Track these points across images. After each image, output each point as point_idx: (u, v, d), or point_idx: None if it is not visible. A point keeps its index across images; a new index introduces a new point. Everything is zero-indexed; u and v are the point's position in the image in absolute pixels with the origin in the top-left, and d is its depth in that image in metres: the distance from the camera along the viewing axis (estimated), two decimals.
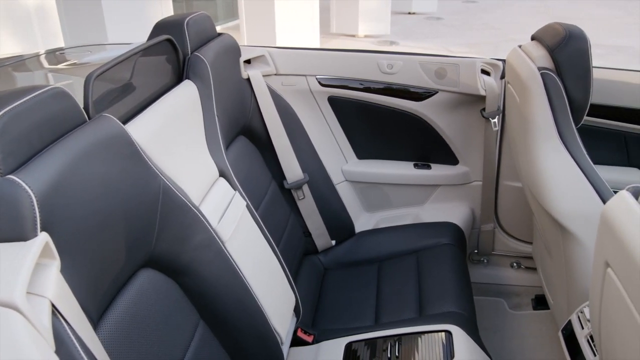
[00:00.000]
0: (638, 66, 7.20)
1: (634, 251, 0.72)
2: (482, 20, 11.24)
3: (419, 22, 11.06)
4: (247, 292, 1.29)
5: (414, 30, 10.05)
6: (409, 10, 11.86)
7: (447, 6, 12.91)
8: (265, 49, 1.97)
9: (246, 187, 1.64)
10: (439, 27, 10.40)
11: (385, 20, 9.12)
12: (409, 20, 11.23)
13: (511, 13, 11.97)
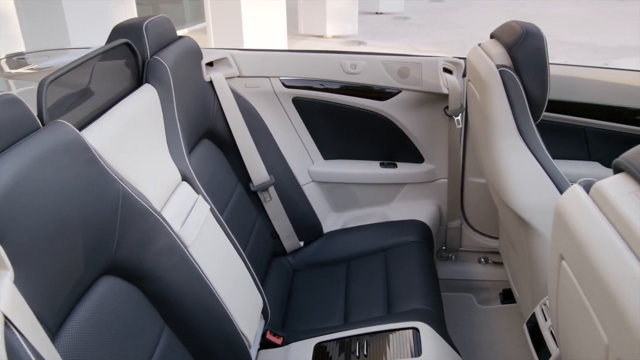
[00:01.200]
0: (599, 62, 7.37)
1: (585, 244, 0.73)
2: (449, 19, 11.36)
3: (386, 21, 11.13)
4: (212, 296, 1.28)
5: (382, 30, 10.11)
6: (376, 10, 11.94)
7: (413, 6, 13.03)
8: (228, 51, 1.96)
9: (211, 191, 1.63)
10: (406, 27, 10.48)
11: (352, 21, 9.16)
12: (376, 20, 11.29)
13: (477, 12, 12.13)
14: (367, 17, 11.47)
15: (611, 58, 7.88)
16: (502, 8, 12.61)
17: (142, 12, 6.98)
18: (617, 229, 0.69)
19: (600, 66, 2.05)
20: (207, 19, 6.60)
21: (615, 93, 1.96)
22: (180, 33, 5.27)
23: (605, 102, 1.98)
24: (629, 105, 1.97)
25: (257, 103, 1.98)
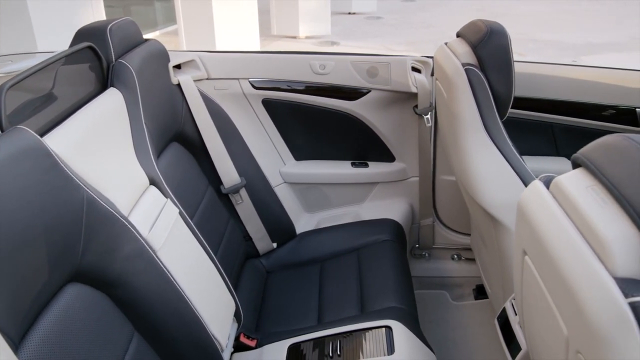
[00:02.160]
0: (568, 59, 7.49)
1: (545, 238, 0.75)
2: (421, 19, 11.45)
3: (359, 21, 11.17)
4: (182, 300, 1.27)
5: (355, 30, 10.14)
6: (349, 11, 11.97)
7: (386, 5, 13.10)
8: (196, 53, 1.95)
9: (180, 194, 1.61)
10: (379, 27, 10.53)
11: (325, 21, 9.18)
12: (349, 20, 11.33)
13: (448, 11, 12.25)
14: (339, 17, 11.51)
15: (579, 55, 8.02)
16: (473, 7, 12.75)
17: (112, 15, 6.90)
18: (575, 223, 0.71)
19: (567, 63, 2.09)
20: (179, 21, 6.55)
21: (582, 89, 2.00)
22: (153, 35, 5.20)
23: (572, 99, 2.01)
24: (595, 101, 2.00)
25: (227, 105, 1.97)
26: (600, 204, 0.68)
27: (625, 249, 0.62)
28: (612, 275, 0.62)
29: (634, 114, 2.01)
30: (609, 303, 0.60)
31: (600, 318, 0.61)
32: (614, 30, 9.94)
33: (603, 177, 0.69)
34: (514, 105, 2.04)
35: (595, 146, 0.75)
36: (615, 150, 0.70)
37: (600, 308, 0.61)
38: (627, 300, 0.59)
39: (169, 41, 8.52)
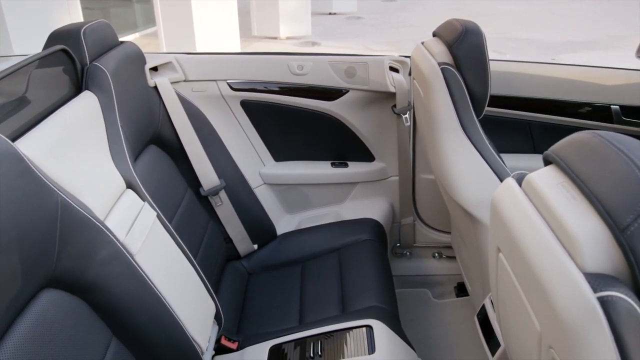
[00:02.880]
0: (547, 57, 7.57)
1: (518, 235, 0.75)
2: (401, 19, 11.50)
3: (339, 22, 11.19)
4: (160, 304, 1.26)
5: (335, 30, 10.16)
6: (329, 11, 12.00)
7: (366, 5, 13.14)
8: (173, 55, 1.94)
9: (159, 197, 1.60)
10: (360, 27, 10.56)
11: (306, 21, 9.18)
12: (329, 20, 11.35)
13: (429, 10, 12.32)
14: (320, 17, 11.52)
15: (558, 53, 8.12)
16: (453, 6, 12.84)
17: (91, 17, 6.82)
18: (546, 219, 0.71)
19: (544, 62, 2.11)
20: (158, 23, 6.51)
21: (560, 87, 2.02)
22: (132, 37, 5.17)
23: (550, 97, 2.04)
24: (572, 99, 2.03)
25: (205, 107, 1.96)
26: (570, 200, 0.68)
27: (594, 245, 0.63)
28: (581, 271, 0.62)
29: (609, 111, 2.04)
30: (578, 298, 0.61)
31: (570, 313, 0.61)
32: (591, 28, 10.08)
33: (573, 173, 0.70)
34: (492, 104, 2.06)
35: (565, 143, 0.76)
36: (584, 147, 0.71)
37: (570, 303, 0.62)
38: (596, 295, 0.60)
39: (148, 43, 8.47)
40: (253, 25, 9.14)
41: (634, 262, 0.59)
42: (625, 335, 0.59)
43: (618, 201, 0.61)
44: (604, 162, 0.66)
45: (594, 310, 0.59)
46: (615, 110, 2.03)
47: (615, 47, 8.31)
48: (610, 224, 0.61)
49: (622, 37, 8.97)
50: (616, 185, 0.62)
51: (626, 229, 0.59)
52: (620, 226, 0.60)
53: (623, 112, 2.03)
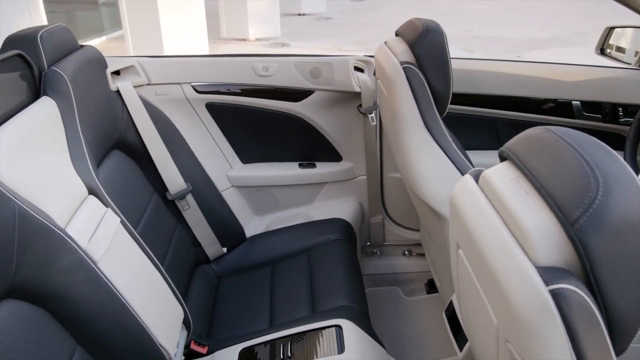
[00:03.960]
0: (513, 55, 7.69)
1: (474, 231, 0.76)
2: (370, 18, 11.56)
3: (309, 22, 11.20)
4: (126, 310, 1.24)
5: (305, 31, 10.16)
6: (298, 12, 12.00)
7: (335, 6, 13.18)
8: (135, 58, 1.91)
9: (123, 203, 1.58)
10: (329, 27, 10.58)
11: (275, 23, 9.17)
12: (299, 21, 11.35)
13: (397, 10, 12.41)
14: (289, 18, 11.51)
15: (524, 51, 8.25)
16: (421, 5, 12.96)
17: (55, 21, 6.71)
18: (501, 215, 0.72)
19: (508, 59, 2.14)
20: (124, 26, 6.43)
21: (523, 84, 2.06)
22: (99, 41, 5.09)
23: (513, 94, 2.07)
24: (535, 95, 2.07)
25: (169, 110, 1.94)
26: (524, 196, 0.69)
27: (545, 238, 0.64)
28: (534, 265, 0.63)
29: (570, 107, 2.08)
30: (531, 292, 0.62)
31: (524, 307, 0.62)
32: (555, 26, 10.27)
33: (525, 169, 0.71)
34: (458, 102, 2.08)
35: (518, 139, 0.77)
36: (536, 143, 0.72)
37: (524, 297, 0.63)
38: (548, 288, 0.61)
39: (116, 46, 8.36)
40: (222, 27, 9.09)
41: (584, 255, 0.60)
42: (577, 326, 0.60)
43: (568, 195, 0.62)
44: (555, 156, 0.67)
45: (546, 303, 0.60)
46: (577, 105, 2.07)
47: (579, 44, 8.48)
48: (560, 218, 0.62)
49: (585, 34, 9.16)
50: (566, 179, 0.64)
51: (575, 222, 0.60)
52: (569, 219, 0.61)
53: (584, 108, 2.07)
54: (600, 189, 0.60)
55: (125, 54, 1.95)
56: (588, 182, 0.61)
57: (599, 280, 0.61)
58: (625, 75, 2.04)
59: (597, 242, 0.60)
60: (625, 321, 0.64)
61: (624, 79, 2.03)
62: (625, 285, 0.62)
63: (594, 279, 0.61)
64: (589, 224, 0.60)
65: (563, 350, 0.61)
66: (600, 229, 0.60)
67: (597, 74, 2.04)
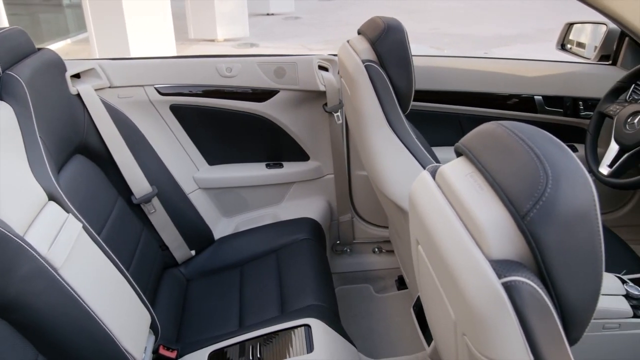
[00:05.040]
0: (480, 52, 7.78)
1: (431, 227, 0.77)
2: (338, 17, 11.59)
3: (277, 22, 11.18)
4: (89, 317, 1.22)
5: (273, 31, 10.14)
6: (267, 12, 11.97)
7: (304, 5, 13.17)
8: (96, 61, 1.88)
9: (87, 208, 1.55)
10: (298, 27, 10.58)
11: (243, 23, 9.12)
12: (267, 21, 11.32)
13: (366, 9, 12.46)
14: (258, 18, 11.48)
15: (491, 48, 8.36)
16: (389, 4, 13.04)
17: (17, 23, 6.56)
18: (456, 210, 0.73)
19: (473, 56, 2.17)
20: (89, 28, 6.32)
21: (488, 80, 2.08)
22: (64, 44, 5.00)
23: (478, 90, 2.09)
24: (499, 91, 2.10)
25: (133, 113, 1.92)
26: (478, 190, 0.70)
27: (498, 232, 0.65)
28: (487, 258, 0.64)
29: (533, 102, 2.11)
30: (484, 285, 0.62)
31: (478, 300, 0.63)
32: (522, 23, 10.44)
33: (479, 163, 0.72)
34: (424, 98, 2.10)
35: (473, 135, 0.78)
36: (489, 138, 0.73)
37: (478, 290, 0.63)
38: (501, 280, 0.61)
39: (81, 49, 8.22)
40: (189, 28, 9.01)
41: (535, 247, 0.61)
42: (530, 318, 0.61)
43: (519, 188, 0.63)
44: (507, 151, 0.68)
45: (499, 295, 0.61)
46: (539, 100, 2.11)
47: (544, 40, 8.63)
48: (512, 211, 0.63)
49: (550, 30, 9.32)
50: (517, 172, 0.64)
51: (526, 215, 0.61)
52: (520, 213, 0.62)
53: (545, 102, 2.11)
54: (550, 182, 0.61)
55: (91, 57, 1.92)
56: (538, 176, 0.62)
57: (551, 272, 0.62)
58: (585, 70, 2.08)
59: (547, 234, 0.61)
60: (577, 311, 0.65)
61: (584, 73, 2.07)
62: (576, 275, 0.63)
63: (545, 271, 0.62)
64: (539, 217, 0.61)
65: (517, 341, 0.62)
66: (550, 221, 0.61)
67: (558, 69, 2.08)
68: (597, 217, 0.62)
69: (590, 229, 0.62)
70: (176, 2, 8.86)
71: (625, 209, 2.29)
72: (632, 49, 1.99)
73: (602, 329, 1.25)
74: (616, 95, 1.77)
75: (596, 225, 0.62)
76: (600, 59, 2.11)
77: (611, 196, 2.27)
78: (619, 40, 2.04)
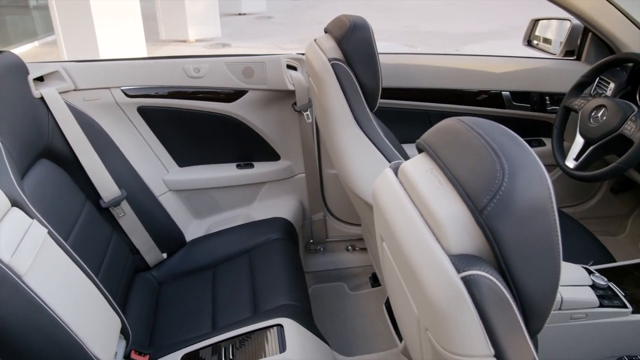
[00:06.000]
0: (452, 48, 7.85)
1: (393, 223, 0.77)
2: (311, 16, 11.59)
3: (249, 22, 11.13)
4: (56, 324, 1.20)
5: (245, 31, 10.09)
6: (238, 11, 11.90)
7: (276, 5, 13.14)
8: (59, 63, 1.85)
9: (53, 213, 1.53)
10: (270, 26, 10.55)
11: (214, 23, 9.07)
12: (239, 21, 11.26)
13: (338, 7, 12.47)
14: (230, 18, 11.41)
15: (462, 44, 8.44)
16: (362, 2, 13.07)
17: None
18: (417, 205, 0.74)
19: (443, 53, 2.19)
20: (57, 30, 6.21)
21: (457, 77, 2.10)
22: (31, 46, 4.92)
23: (447, 86, 2.11)
24: (468, 88, 2.12)
25: (99, 116, 1.89)
26: (437, 186, 0.71)
27: (458, 227, 0.65)
28: (447, 253, 0.65)
29: (501, 98, 2.14)
30: (444, 280, 0.63)
31: (438, 295, 0.64)
32: (492, 19, 10.57)
33: (438, 159, 0.72)
34: (394, 96, 2.11)
35: (433, 131, 0.78)
36: (448, 133, 0.74)
37: (438, 285, 0.64)
38: (460, 275, 0.62)
39: (50, 52, 8.08)
40: (160, 28, 8.92)
41: (493, 241, 0.62)
42: (489, 311, 0.62)
43: (476, 183, 0.64)
44: (465, 146, 0.69)
45: (458, 290, 0.62)
46: (506, 96, 2.13)
47: (513, 36, 8.74)
48: (470, 206, 0.64)
49: (519, 27, 9.43)
50: (475, 167, 0.65)
51: (484, 209, 0.62)
52: (478, 207, 0.62)
53: (513, 98, 2.13)
54: (506, 176, 0.62)
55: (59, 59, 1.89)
56: (494, 170, 0.62)
57: (509, 265, 0.63)
58: (551, 66, 2.11)
59: (504, 227, 0.61)
60: (537, 302, 0.66)
61: (549, 69, 2.11)
62: (534, 267, 0.64)
63: (504, 264, 0.63)
64: (496, 211, 0.61)
65: (477, 334, 0.62)
66: (507, 215, 0.61)
67: (525, 65, 2.11)
68: (553, 210, 0.63)
69: (547, 221, 0.63)
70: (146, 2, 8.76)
71: (592, 201, 2.33)
72: (595, 44, 2.03)
73: (569, 320, 1.27)
74: (581, 90, 1.80)
75: (553, 218, 0.63)
76: (565, 54, 2.15)
77: (579, 189, 2.31)
78: (582, 36, 2.07)
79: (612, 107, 1.62)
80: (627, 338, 1.32)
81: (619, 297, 1.30)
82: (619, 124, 1.59)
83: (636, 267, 1.51)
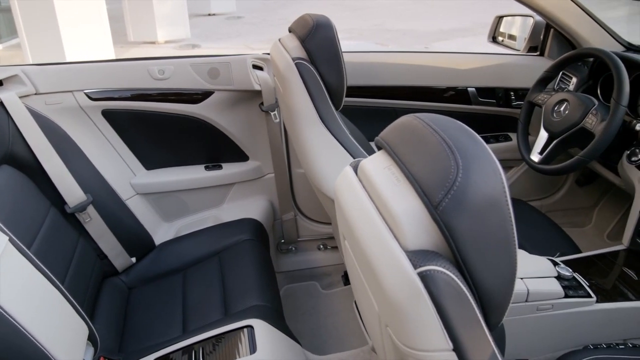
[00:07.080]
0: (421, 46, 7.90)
1: (353, 221, 0.77)
2: (281, 16, 11.56)
3: (219, 22, 11.06)
4: (19, 334, 1.18)
5: (215, 31, 10.03)
6: (208, 12, 11.82)
7: (245, 5, 13.08)
8: (19, 67, 1.81)
9: (15, 220, 1.49)
10: (240, 26, 10.50)
11: (183, 24, 8.99)
12: (209, 21, 11.19)
13: (308, 7, 12.47)
14: (199, 19, 11.33)
15: (431, 42, 8.51)
16: (331, 1, 13.09)
17: None
18: (375, 203, 0.74)
19: (409, 50, 2.20)
20: (20, 32, 6.09)
21: (424, 74, 2.12)
22: None
23: (415, 84, 2.13)
24: (435, 84, 2.13)
25: (62, 120, 1.86)
26: (394, 183, 0.71)
27: (414, 223, 0.65)
28: (404, 249, 0.65)
29: (467, 94, 2.16)
30: (401, 276, 0.63)
31: (396, 291, 0.64)
32: (460, 17, 10.67)
33: (395, 156, 0.72)
34: (362, 94, 2.12)
35: (391, 128, 0.79)
36: (406, 130, 0.74)
37: (395, 281, 0.64)
38: (417, 270, 0.62)
39: (14, 55, 7.92)
40: (128, 30, 8.80)
41: (449, 236, 0.62)
42: (446, 305, 0.62)
43: (431, 179, 0.64)
44: (421, 142, 0.69)
45: (415, 285, 0.62)
46: (472, 92, 2.16)
47: (482, 33, 8.84)
48: (425, 202, 0.64)
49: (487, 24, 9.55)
50: (430, 163, 0.65)
51: (439, 204, 0.62)
52: (433, 202, 0.63)
53: (479, 94, 2.16)
54: (460, 172, 0.62)
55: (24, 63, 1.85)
56: (449, 166, 0.63)
57: (465, 259, 0.63)
58: (514, 61, 2.14)
59: (459, 222, 0.62)
60: (494, 295, 0.67)
61: (513, 64, 2.14)
62: (490, 261, 0.64)
63: (460, 258, 0.63)
64: (451, 206, 0.62)
65: (435, 329, 0.63)
66: (462, 210, 0.62)
67: (490, 61, 2.13)
68: (507, 204, 0.64)
69: (501, 215, 0.63)
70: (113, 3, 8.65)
71: (559, 194, 2.37)
72: (557, 40, 2.06)
73: (536, 311, 1.29)
74: (544, 85, 1.83)
75: (507, 212, 0.64)
76: (529, 50, 2.18)
77: (545, 182, 2.34)
78: (545, 32, 2.11)
79: (574, 102, 1.65)
80: (592, 327, 1.35)
81: (584, 287, 1.33)
82: (580, 118, 1.62)
83: (600, 257, 1.54)
